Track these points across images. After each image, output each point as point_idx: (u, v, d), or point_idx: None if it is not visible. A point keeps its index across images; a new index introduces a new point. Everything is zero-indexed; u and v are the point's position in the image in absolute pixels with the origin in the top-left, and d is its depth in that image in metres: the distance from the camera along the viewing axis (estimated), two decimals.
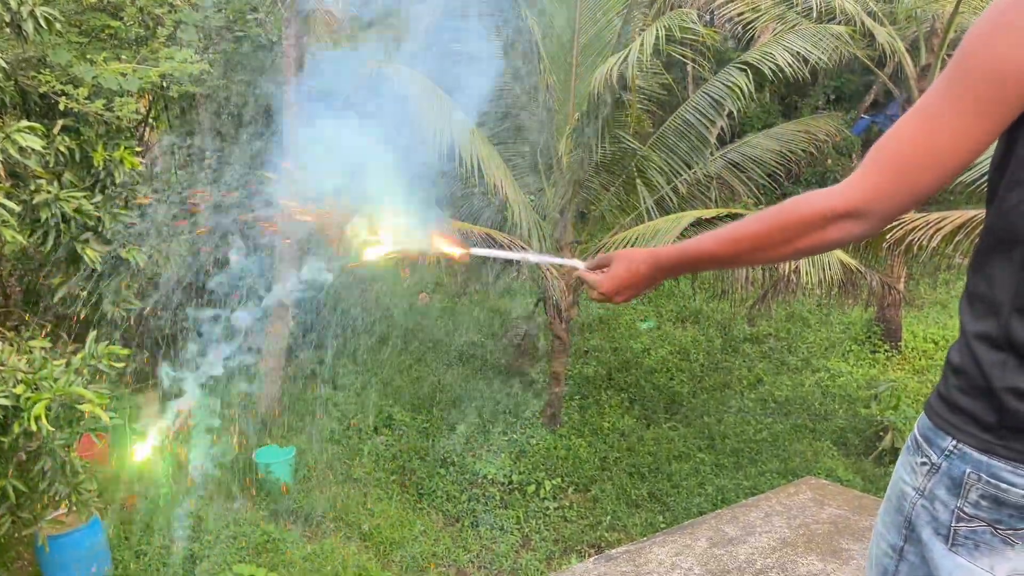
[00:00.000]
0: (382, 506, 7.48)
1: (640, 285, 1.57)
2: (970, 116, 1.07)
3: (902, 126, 1.15)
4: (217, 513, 7.19)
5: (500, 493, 7.78)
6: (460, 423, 8.76)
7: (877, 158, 1.15)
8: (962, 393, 1.17)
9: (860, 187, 1.16)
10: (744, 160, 8.66)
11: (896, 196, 1.14)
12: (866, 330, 10.83)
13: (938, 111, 1.11)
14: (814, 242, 1.22)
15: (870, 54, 9.29)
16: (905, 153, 1.13)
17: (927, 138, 1.11)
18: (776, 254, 1.30)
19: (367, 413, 8.86)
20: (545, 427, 8.69)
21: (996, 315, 1.13)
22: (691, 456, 8.40)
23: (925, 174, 1.12)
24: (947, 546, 1.19)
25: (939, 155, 1.11)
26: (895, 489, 1.30)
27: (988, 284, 1.15)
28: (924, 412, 1.26)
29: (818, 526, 3.08)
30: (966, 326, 1.19)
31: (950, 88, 1.10)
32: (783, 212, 1.25)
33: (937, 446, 1.20)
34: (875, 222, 1.18)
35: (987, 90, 1.06)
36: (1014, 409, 1.10)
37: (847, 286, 7.30)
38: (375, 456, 8.20)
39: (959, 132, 1.09)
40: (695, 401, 9.55)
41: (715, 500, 7.66)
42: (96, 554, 6.02)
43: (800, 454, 8.42)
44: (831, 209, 1.18)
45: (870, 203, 1.15)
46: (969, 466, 1.15)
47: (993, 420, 1.13)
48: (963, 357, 1.18)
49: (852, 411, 9.21)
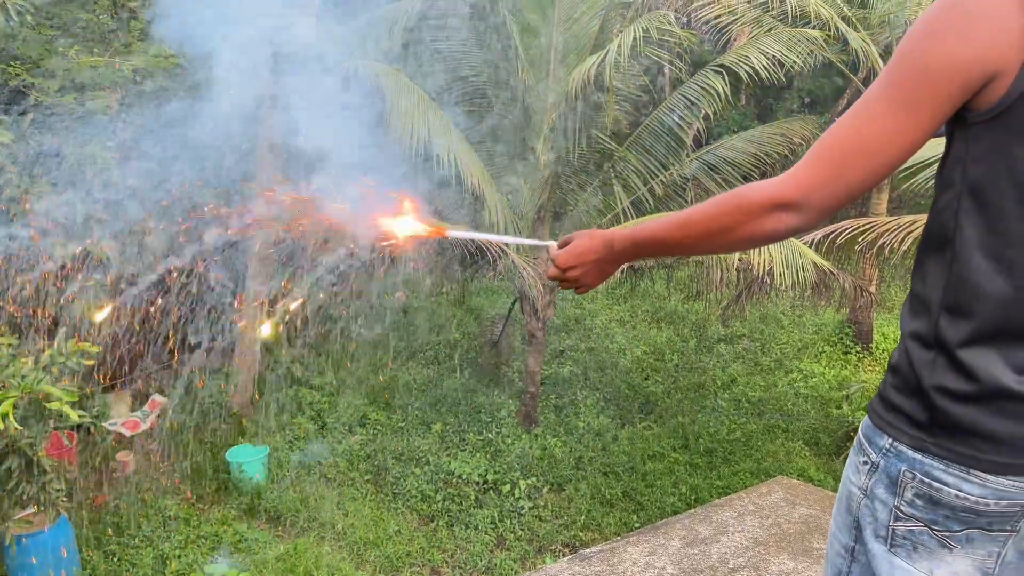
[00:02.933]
0: (356, 505, 7.44)
1: (592, 262, 1.54)
2: (901, 112, 1.09)
3: (841, 122, 1.16)
4: (188, 512, 7.11)
5: (475, 493, 7.77)
6: (435, 422, 8.74)
7: (815, 152, 1.17)
8: (897, 392, 1.20)
9: (796, 179, 1.17)
10: (720, 162, 8.72)
11: (830, 188, 1.15)
12: (838, 332, 10.97)
13: (873, 107, 1.12)
14: (753, 231, 1.22)
15: (844, 59, 9.40)
16: (840, 147, 1.14)
17: (861, 132, 1.13)
18: (720, 242, 1.29)
19: (341, 412, 8.81)
20: (520, 426, 8.69)
21: (928, 314, 1.15)
22: (665, 456, 8.45)
23: (858, 168, 1.13)
24: (886, 547, 1.20)
25: (871, 149, 1.12)
26: (844, 489, 1.31)
27: (923, 283, 1.18)
28: (867, 412, 1.28)
29: (790, 525, 3.11)
30: (903, 324, 1.21)
31: (886, 85, 1.12)
32: (726, 200, 1.26)
33: (876, 445, 1.22)
34: (810, 214, 1.18)
35: (918, 87, 1.08)
36: (943, 408, 1.12)
37: (820, 288, 7.38)
38: (349, 455, 8.16)
39: (891, 128, 1.10)
40: (669, 401, 9.60)
41: (689, 500, 7.71)
42: (65, 554, 5.93)
43: (773, 454, 8.51)
44: (769, 198, 1.18)
45: (805, 194, 1.16)
46: (904, 464, 1.17)
47: (925, 418, 1.15)
48: (899, 356, 1.20)
49: (824, 411, 9.31)
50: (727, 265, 7.22)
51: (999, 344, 1.10)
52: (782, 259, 6.72)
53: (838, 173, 1.14)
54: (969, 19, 1.04)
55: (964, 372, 1.11)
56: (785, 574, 2.76)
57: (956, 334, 1.12)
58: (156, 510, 7.06)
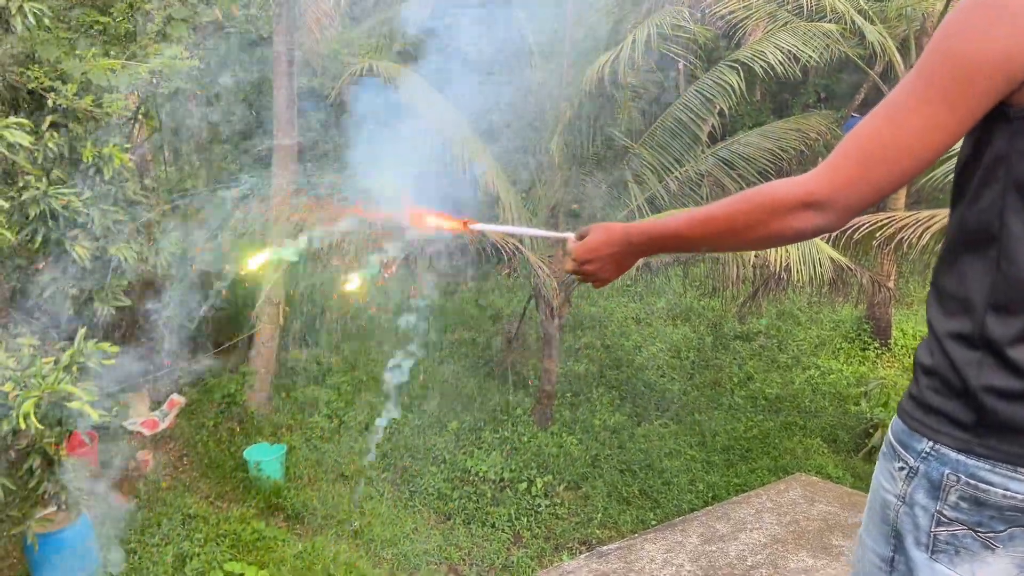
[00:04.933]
0: (373, 504, 7.47)
1: (609, 256, 1.50)
2: (938, 108, 1.06)
3: (871, 118, 1.13)
4: (207, 511, 7.17)
5: (491, 491, 7.78)
6: (451, 421, 8.76)
7: (844, 149, 1.14)
8: (936, 394, 1.16)
9: (824, 177, 1.14)
10: (735, 158, 8.67)
11: (859, 187, 1.12)
12: (856, 328, 10.88)
13: (906, 103, 1.09)
14: (779, 229, 1.20)
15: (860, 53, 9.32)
16: (871, 145, 1.11)
17: (894, 130, 1.09)
18: (743, 239, 1.26)
19: (358, 411, 8.85)
20: (536, 424, 8.69)
21: (970, 313, 1.12)
22: (682, 453, 8.42)
23: (890, 167, 1.11)
24: (927, 554, 1.17)
25: (904, 147, 1.09)
26: (877, 498, 1.27)
27: (960, 282, 1.14)
28: (897, 416, 1.24)
29: (808, 523, 3.09)
30: (937, 325, 1.18)
31: (919, 81, 1.09)
32: (751, 197, 1.23)
33: (913, 449, 1.18)
34: (838, 214, 1.15)
35: (956, 81, 1.05)
36: (992, 407, 1.09)
37: (837, 283, 7.32)
38: (366, 452, 8.19)
39: (926, 124, 1.07)
40: (686, 399, 9.57)
41: (706, 497, 7.68)
42: (85, 552, 5.99)
43: (790, 451, 8.46)
44: (795, 197, 1.16)
45: (833, 193, 1.13)
46: (947, 467, 1.14)
47: (971, 419, 1.12)
48: (935, 357, 1.17)
49: (842, 408, 9.25)
50: (743, 262, 7.18)
51: None
52: (799, 255, 6.68)
53: (868, 172, 1.12)
54: (1013, 10, 1.01)
55: (1015, 370, 1.08)
56: (804, 571, 2.75)
57: (1006, 333, 1.09)
58: (176, 508, 7.12)
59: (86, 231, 5.26)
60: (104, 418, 4.07)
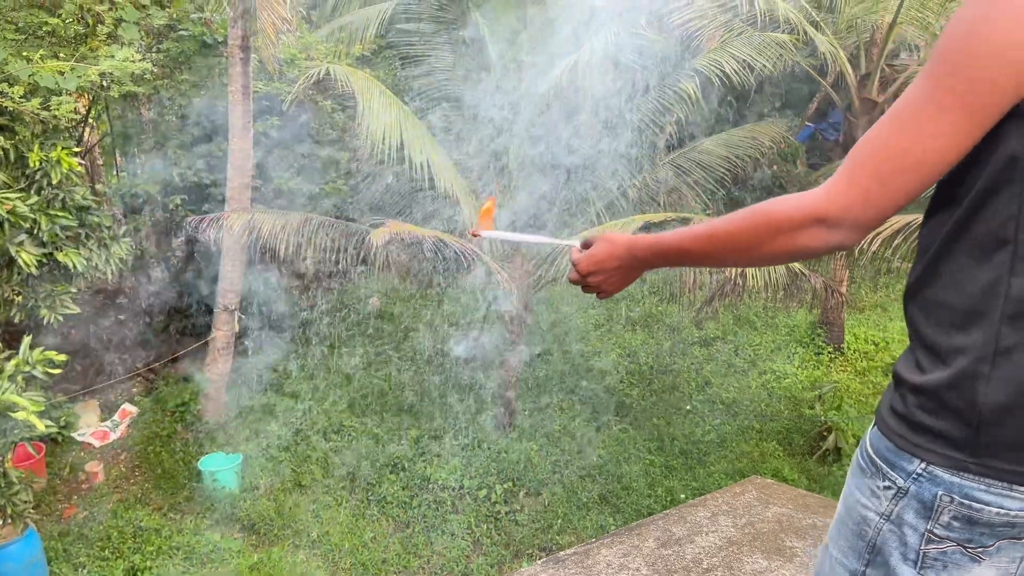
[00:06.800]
0: (331, 513, 7.39)
1: (613, 269, 1.46)
2: (955, 112, 1.01)
3: (882, 128, 1.06)
4: (160, 523, 7.01)
5: (451, 498, 7.74)
6: (411, 428, 8.70)
7: (856, 161, 1.08)
8: (927, 412, 1.12)
9: (837, 191, 1.08)
10: (691, 165, 8.79)
11: (875, 203, 1.07)
12: (810, 332, 11.08)
13: (923, 110, 1.03)
14: (787, 247, 1.15)
15: (813, 63, 9.51)
16: (886, 156, 1.05)
17: (910, 139, 1.04)
18: (750, 256, 1.22)
19: (317, 419, 8.75)
20: (497, 431, 8.68)
21: (979, 325, 1.06)
22: (641, 458, 8.48)
23: (907, 177, 1.04)
24: (915, 570, 1.15)
25: (921, 157, 1.03)
26: (853, 514, 1.23)
27: (959, 292, 1.09)
28: (879, 432, 1.20)
29: (763, 524, 3.13)
30: (932, 339, 1.13)
31: (932, 86, 1.03)
32: (759, 212, 1.18)
33: (903, 469, 1.14)
34: (854, 230, 1.09)
35: (972, 82, 0.99)
36: (996, 425, 1.06)
37: (791, 289, 7.45)
38: (324, 462, 8.10)
39: (945, 131, 1.01)
40: (645, 403, 9.64)
41: (665, 501, 7.74)
42: (32, 567, 5.81)
43: (747, 454, 8.57)
44: (804, 213, 1.11)
45: (848, 209, 1.08)
46: (940, 488, 1.10)
47: (965, 437, 1.08)
48: (929, 373, 1.12)
49: (797, 412, 9.40)
50: (700, 267, 7.27)
51: None
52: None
53: (883, 186, 1.06)
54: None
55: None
56: (758, 573, 2.78)
57: (1021, 345, 1.04)
58: (127, 521, 6.95)
59: (33, 237, 5.12)
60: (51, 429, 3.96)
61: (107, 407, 8.72)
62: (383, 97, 7.00)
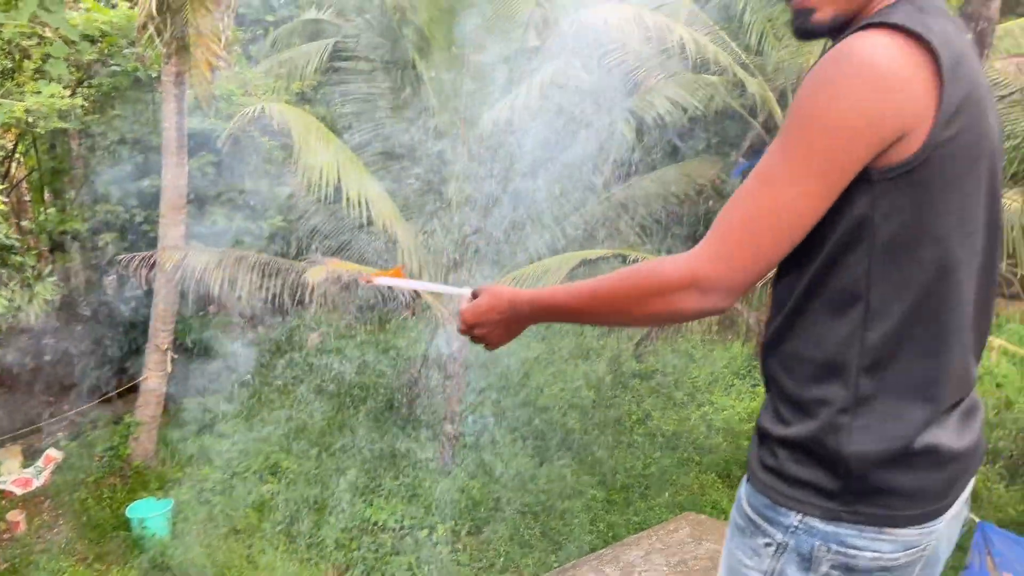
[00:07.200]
0: (268, 559, 7.18)
1: (496, 322, 1.41)
2: (811, 177, 1.04)
3: (746, 194, 1.09)
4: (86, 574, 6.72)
5: (392, 539, 7.61)
6: (350, 468, 8.55)
7: (723, 227, 1.09)
8: (799, 464, 1.14)
9: (707, 257, 1.10)
10: (629, 202, 8.95)
11: (742, 266, 1.08)
12: (747, 364, 11.29)
13: (781, 176, 1.06)
14: (663, 309, 1.14)
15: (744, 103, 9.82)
16: (748, 221, 1.08)
17: (772, 203, 1.06)
18: (629, 316, 1.22)
19: (253, 460, 8.53)
20: (438, 469, 8.59)
21: (839, 377, 1.10)
22: (583, 493, 8.48)
23: (770, 241, 1.07)
24: None
25: (782, 220, 1.06)
26: (736, 573, 1.23)
27: (818, 345, 1.12)
28: (754, 488, 1.21)
29: (696, 562, 3.16)
30: (794, 391, 1.15)
31: (790, 151, 1.06)
32: (637, 273, 1.18)
33: (780, 524, 1.16)
34: (724, 295, 1.10)
35: (828, 149, 1.03)
36: (862, 472, 1.09)
37: (726, 323, 7.61)
38: (260, 506, 7.88)
39: (801, 193, 1.04)
40: (587, 438, 9.67)
41: (606, 537, 7.73)
42: None
43: (687, 487, 8.64)
44: (679, 277, 1.11)
45: (718, 275, 1.09)
46: (817, 539, 1.13)
47: (839, 487, 1.11)
48: (795, 426, 1.14)
49: (735, 444, 9.54)
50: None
51: (920, 400, 1.10)
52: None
53: (750, 249, 1.08)
54: (880, 77, 1.00)
55: (886, 433, 1.09)
56: None
57: (880, 395, 1.09)
58: (50, 573, 6.64)
59: None
60: None
61: (30, 453, 8.36)
62: (320, 134, 6.98)
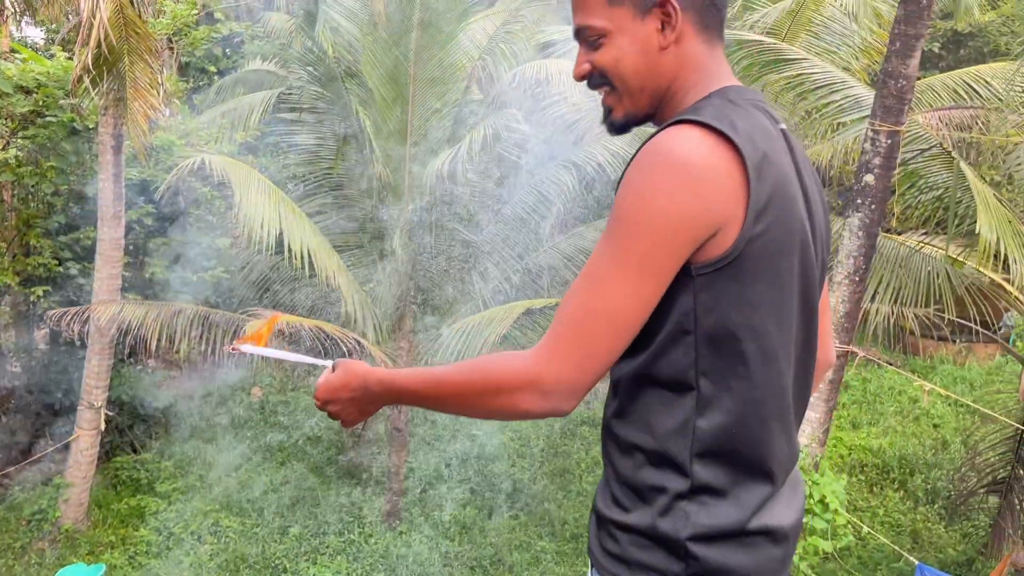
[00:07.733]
0: None
1: (348, 400, 1.34)
2: (638, 276, 1.06)
3: (577, 294, 1.11)
4: None
5: None
6: (293, 525, 8.30)
7: (558, 330, 1.10)
8: (640, 549, 1.15)
9: (546, 359, 1.09)
10: (574, 251, 9.02)
11: (579, 367, 1.09)
12: None
13: (609, 275, 1.08)
14: (506, 407, 1.13)
15: None
16: (581, 323, 1.08)
17: (604, 302, 1.07)
18: (474, 409, 1.20)
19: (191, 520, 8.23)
20: (384, 524, 8.40)
21: (672, 465, 1.12)
22: (532, 545, 8.36)
23: (608, 339, 1.08)
24: None
25: (617, 317, 1.07)
26: None
27: (651, 433, 1.14)
28: (598, 574, 1.22)
29: None
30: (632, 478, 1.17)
31: (616, 252, 1.08)
32: (481, 369, 1.17)
33: None
34: (565, 397, 1.10)
35: (651, 247, 1.05)
36: (700, 555, 1.11)
37: None
38: (199, 568, 7.58)
39: (630, 292, 1.06)
40: (536, 488, 9.57)
41: None
42: None
43: None
44: (520, 377, 1.10)
45: (557, 376, 1.09)
46: None
47: (680, 569, 1.13)
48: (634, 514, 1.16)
49: None
50: None
51: (754, 483, 1.14)
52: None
53: (586, 349, 1.08)
54: (693, 176, 1.04)
55: (723, 516, 1.11)
56: None
57: (714, 480, 1.11)
58: None
59: None
60: None
61: None
62: (262, 186, 6.92)
